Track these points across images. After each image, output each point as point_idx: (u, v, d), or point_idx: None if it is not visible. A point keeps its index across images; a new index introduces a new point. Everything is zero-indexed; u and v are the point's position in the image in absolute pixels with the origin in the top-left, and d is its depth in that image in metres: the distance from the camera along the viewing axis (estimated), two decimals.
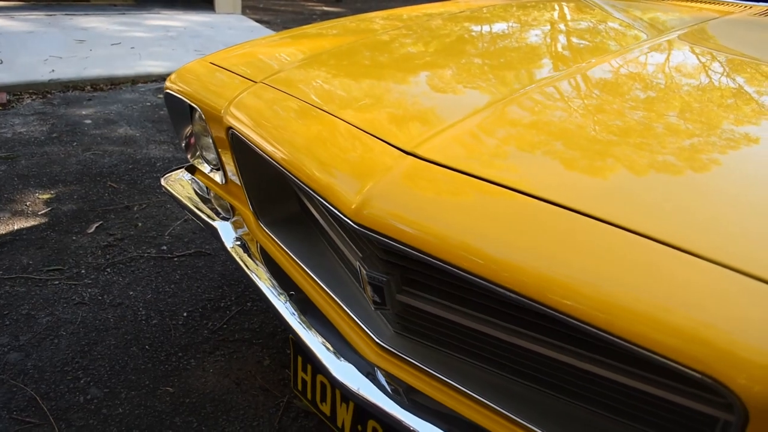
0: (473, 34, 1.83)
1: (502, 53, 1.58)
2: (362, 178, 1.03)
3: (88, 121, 4.16)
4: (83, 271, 2.49)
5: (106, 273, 2.49)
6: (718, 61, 1.53)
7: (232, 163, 1.54)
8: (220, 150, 1.62)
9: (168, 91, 1.76)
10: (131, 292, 2.37)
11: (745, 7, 2.10)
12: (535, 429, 0.95)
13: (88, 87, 4.88)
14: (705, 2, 2.22)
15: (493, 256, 0.88)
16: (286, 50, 1.77)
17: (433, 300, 1.07)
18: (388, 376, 1.15)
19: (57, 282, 2.41)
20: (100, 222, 2.88)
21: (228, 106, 1.48)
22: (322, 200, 1.09)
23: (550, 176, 0.96)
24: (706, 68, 1.46)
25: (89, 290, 2.37)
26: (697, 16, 1.96)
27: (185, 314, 2.25)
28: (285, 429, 1.78)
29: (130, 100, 4.65)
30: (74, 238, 2.74)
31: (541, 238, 0.87)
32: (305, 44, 1.81)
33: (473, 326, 1.04)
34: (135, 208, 3.02)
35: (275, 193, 1.56)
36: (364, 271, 1.08)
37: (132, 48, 5.81)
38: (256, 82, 1.53)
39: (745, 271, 0.75)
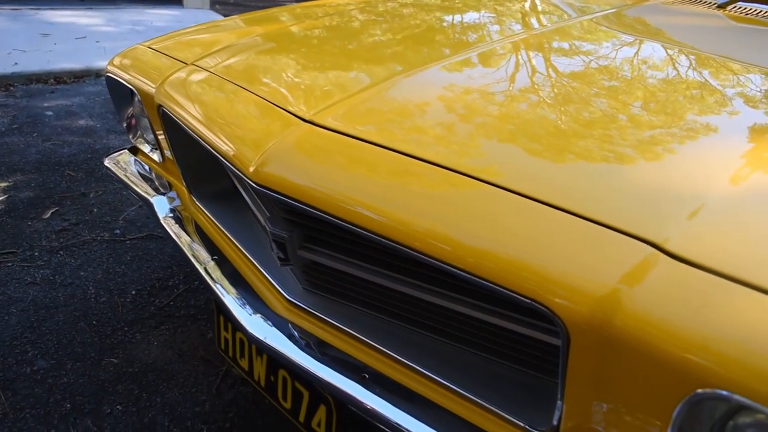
0: (385, 18, 1.94)
1: (408, 33, 1.69)
2: (263, 143, 1.14)
3: (50, 113, 4.22)
4: (36, 254, 2.57)
5: (58, 255, 2.57)
6: (625, 43, 1.66)
7: (166, 141, 1.63)
8: (156, 129, 1.71)
9: (108, 74, 1.85)
10: (82, 273, 2.45)
11: None
12: (428, 372, 1.06)
13: (52, 80, 4.93)
14: None
15: (375, 210, 0.99)
16: (222, 35, 1.87)
17: (331, 255, 1.18)
18: (299, 330, 1.26)
19: (10, 264, 2.48)
20: (56, 208, 2.95)
21: (159, 86, 1.57)
22: (230, 165, 1.20)
23: (429, 139, 1.07)
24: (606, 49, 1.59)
25: (41, 271, 2.45)
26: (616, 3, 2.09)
27: (134, 292, 2.34)
28: (222, 395, 1.88)
29: (92, 92, 4.71)
30: (29, 223, 2.81)
31: (412, 192, 0.99)
32: (240, 30, 1.91)
33: (367, 278, 1.15)
34: (91, 195, 3.09)
35: (208, 168, 1.66)
36: (269, 229, 1.19)
37: (97, 42, 5.86)
38: (187, 64, 1.63)
39: (571, 210, 0.87)
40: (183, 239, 1.52)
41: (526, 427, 0.97)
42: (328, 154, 1.08)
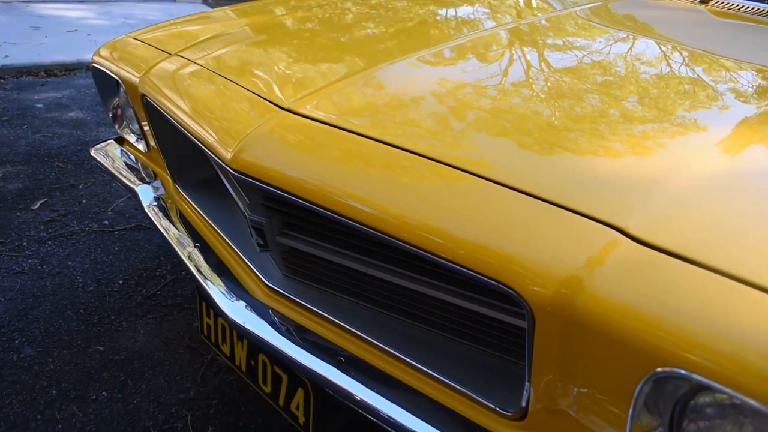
0: (367, 12, 1.96)
1: (390, 25, 1.71)
2: (241, 130, 1.15)
3: (40, 105, 4.22)
4: (25, 244, 2.58)
5: (47, 245, 2.58)
6: (604, 35, 1.69)
7: (150, 131, 1.65)
8: (140, 119, 1.73)
9: (94, 65, 1.86)
10: (70, 263, 2.47)
11: None
12: (403, 356, 1.09)
13: (42, 73, 4.92)
14: None
15: (348, 195, 1.01)
16: (209, 26, 1.88)
17: (309, 241, 1.20)
18: (279, 316, 1.28)
19: None
20: (45, 199, 2.96)
21: (143, 76, 1.59)
22: (210, 153, 1.22)
23: (402, 126, 1.09)
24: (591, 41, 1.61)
25: (29, 261, 2.46)
26: None
27: (121, 282, 2.36)
28: (207, 382, 1.90)
29: (83, 85, 4.71)
30: (18, 214, 2.82)
31: (385, 178, 1.01)
32: (227, 21, 1.92)
33: (344, 263, 1.17)
34: (80, 187, 3.10)
35: (191, 158, 1.67)
36: (248, 215, 1.21)
37: (88, 35, 5.85)
38: (171, 54, 1.64)
39: (537, 195, 0.90)
40: (166, 227, 1.54)
41: (497, 408, 1.00)
42: (305, 141, 1.10)
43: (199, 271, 1.38)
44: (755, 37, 1.87)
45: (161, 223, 1.54)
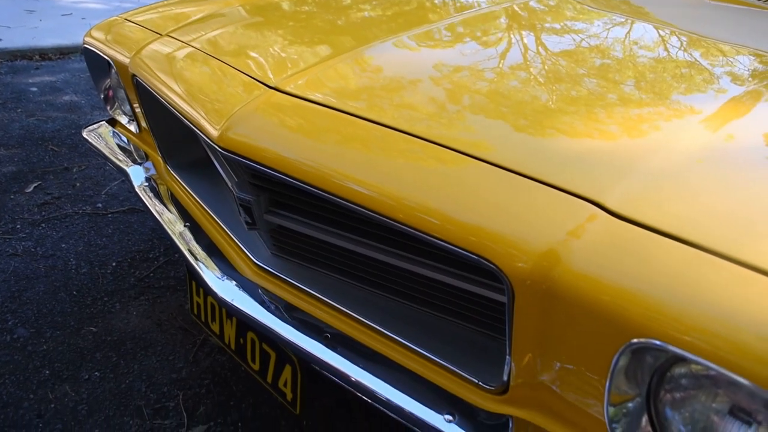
0: None
1: (380, 8, 1.72)
2: (229, 109, 1.16)
3: (34, 89, 4.21)
4: (18, 226, 2.58)
5: (40, 228, 2.59)
6: (592, 16, 1.69)
7: (141, 112, 1.65)
8: (131, 100, 1.73)
9: (85, 46, 1.86)
10: (63, 245, 2.48)
11: None
12: (389, 333, 1.10)
13: (37, 56, 4.91)
14: None
15: (333, 172, 1.02)
16: (201, 7, 1.88)
17: (295, 218, 1.21)
18: (268, 294, 1.29)
19: None
20: (39, 182, 2.97)
21: (133, 57, 1.59)
22: (198, 131, 1.22)
23: (386, 104, 1.10)
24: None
25: (23, 243, 2.47)
26: None
27: (114, 264, 2.37)
28: (199, 362, 1.92)
29: (77, 69, 4.70)
30: (12, 197, 2.82)
31: (369, 155, 1.02)
32: (216, 3, 1.92)
33: (330, 240, 1.18)
34: (74, 170, 3.11)
35: (182, 138, 1.68)
36: (235, 193, 1.22)
37: (83, 19, 5.83)
38: (161, 35, 1.64)
39: (517, 170, 0.91)
40: (157, 207, 1.54)
41: (479, 383, 1.01)
42: (291, 118, 1.11)
43: (188, 249, 1.39)
44: (745, 19, 1.87)
45: (152, 202, 1.55)
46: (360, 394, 1.08)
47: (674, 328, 0.74)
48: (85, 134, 1.97)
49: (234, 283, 1.29)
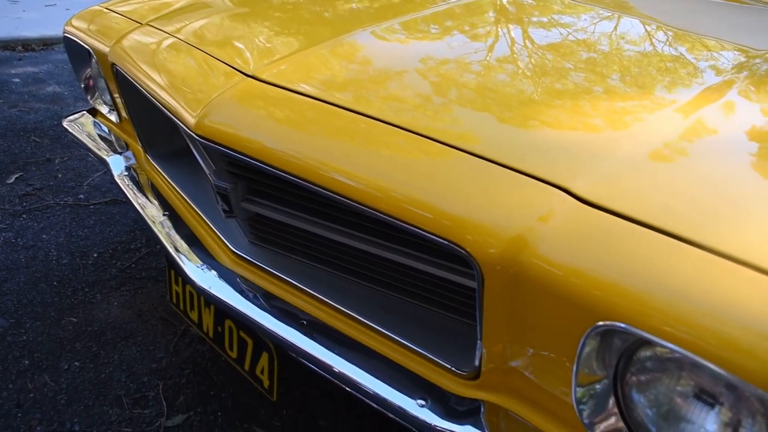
0: None
1: (373, 2, 1.72)
2: (206, 96, 1.17)
3: (17, 80, 4.18)
4: None
5: (21, 219, 2.58)
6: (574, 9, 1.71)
7: (121, 101, 1.65)
8: (112, 90, 1.73)
9: (66, 35, 1.86)
10: (45, 236, 2.47)
11: None
12: (364, 320, 1.11)
13: (20, 47, 4.87)
14: None
15: (307, 159, 1.03)
16: None
17: (272, 206, 1.21)
18: (246, 282, 1.30)
19: None
20: (20, 173, 2.95)
21: (113, 46, 1.59)
22: (176, 119, 1.22)
23: (362, 92, 1.11)
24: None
25: (3, 234, 2.46)
26: None
27: (95, 255, 2.36)
28: (179, 352, 1.92)
29: (61, 60, 4.67)
30: None
31: (343, 142, 1.02)
32: None
33: (307, 228, 1.19)
34: (56, 161, 3.09)
35: (162, 127, 1.68)
36: (213, 182, 1.22)
37: (67, 10, 5.78)
38: (141, 24, 1.64)
39: (486, 156, 0.92)
40: (137, 198, 1.54)
41: (452, 368, 1.02)
42: (267, 106, 1.12)
43: (167, 239, 1.40)
44: (726, 14, 1.89)
45: (131, 192, 1.55)
46: (335, 380, 1.09)
47: (639, 311, 0.75)
48: (65, 124, 1.96)
49: (212, 271, 1.30)
